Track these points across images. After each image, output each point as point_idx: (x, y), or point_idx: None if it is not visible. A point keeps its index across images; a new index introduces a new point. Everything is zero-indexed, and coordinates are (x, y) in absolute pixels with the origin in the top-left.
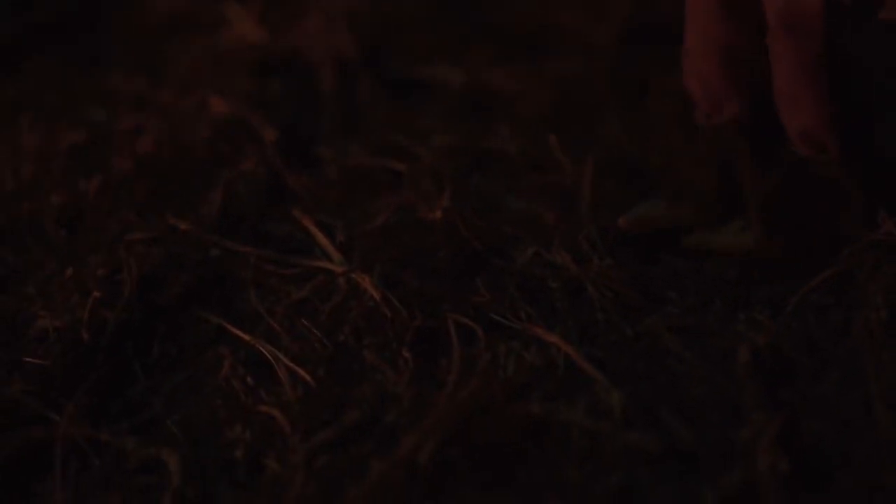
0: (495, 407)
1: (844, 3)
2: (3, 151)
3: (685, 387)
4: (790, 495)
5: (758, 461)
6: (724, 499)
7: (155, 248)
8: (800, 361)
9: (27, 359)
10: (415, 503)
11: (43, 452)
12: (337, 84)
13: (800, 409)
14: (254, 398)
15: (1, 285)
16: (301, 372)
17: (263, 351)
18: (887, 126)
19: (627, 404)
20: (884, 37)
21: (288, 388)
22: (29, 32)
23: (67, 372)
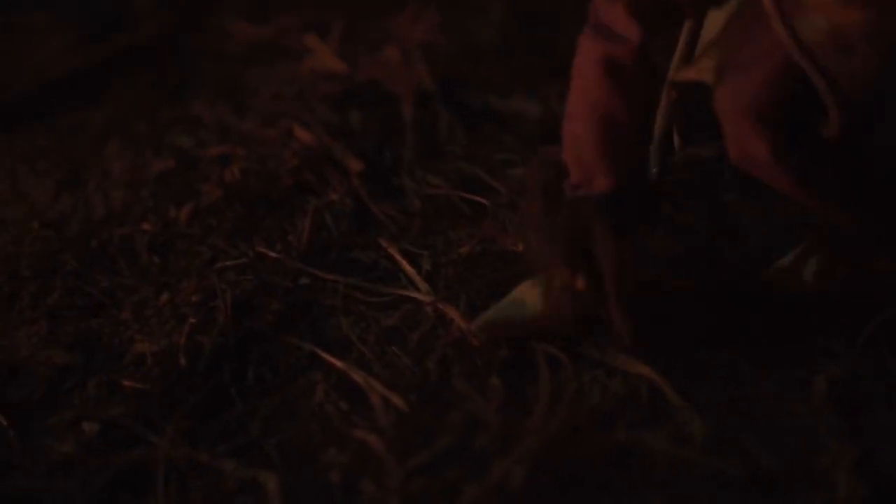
0: (582, 434)
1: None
2: (92, 178)
3: (764, 415)
4: None
5: (837, 488)
6: None
7: (246, 275)
8: (876, 390)
9: (126, 382)
10: None
11: (144, 473)
12: (416, 115)
13: (876, 438)
14: (348, 423)
15: (96, 310)
16: (393, 398)
17: (355, 377)
18: None
19: (709, 432)
20: None
21: (380, 414)
22: (113, 58)
23: (166, 395)
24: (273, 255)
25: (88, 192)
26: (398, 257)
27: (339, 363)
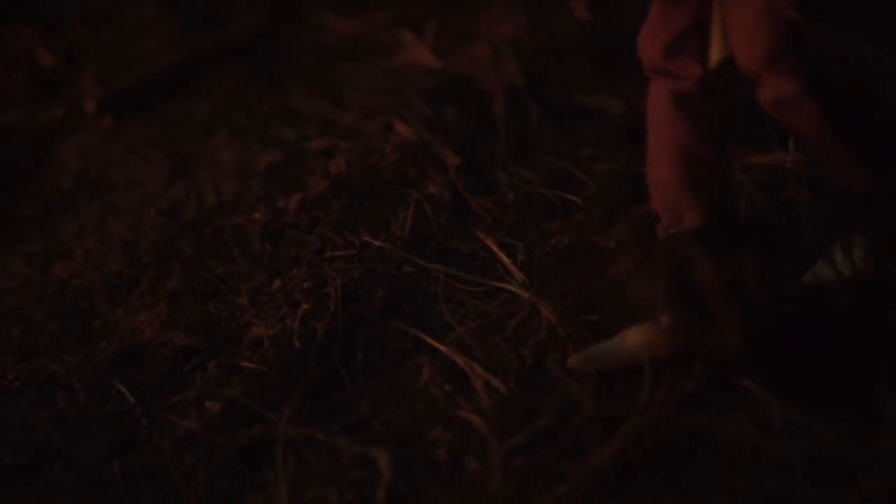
0: (669, 417)
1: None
2: (203, 167)
3: (836, 398)
4: None
5: None
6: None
7: (353, 263)
8: None
9: (244, 364)
10: (599, 503)
11: (263, 449)
12: (506, 110)
13: None
14: (452, 404)
15: (213, 295)
16: (494, 381)
17: (458, 361)
18: None
19: (785, 415)
20: None
21: (482, 396)
22: (214, 52)
23: (282, 377)
24: (378, 244)
25: (200, 181)
26: (495, 248)
27: (442, 347)
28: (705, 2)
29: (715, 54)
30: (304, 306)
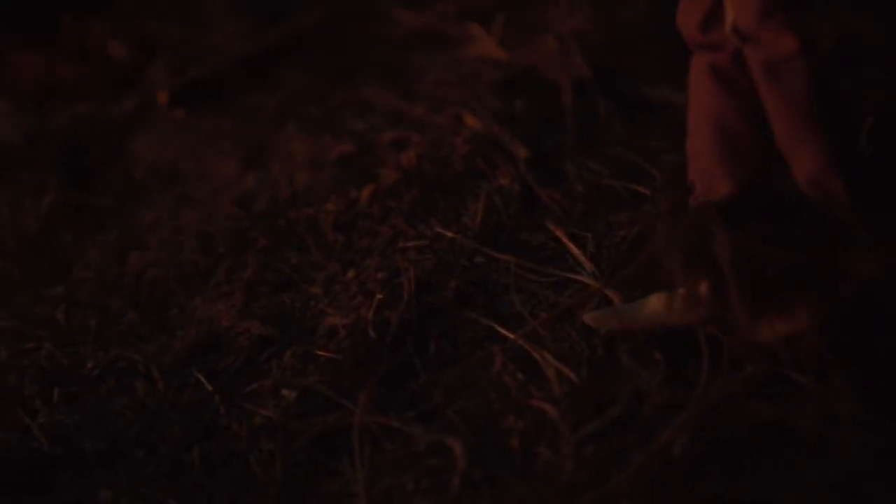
0: (737, 405)
1: (823, 49)
2: (275, 159)
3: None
4: None
5: None
6: None
7: (425, 254)
8: None
9: (320, 353)
10: (670, 490)
11: (339, 436)
12: (574, 102)
13: None
14: (524, 393)
15: (288, 285)
16: (565, 370)
17: (530, 351)
18: None
19: (852, 406)
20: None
21: (554, 385)
22: (283, 44)
23: (357, 365)
24: (449, 235)
25: (272, 172)
26: (565, 239)
27: (514, 337)
28: None
29: (729, 17)
30: (378, 296)
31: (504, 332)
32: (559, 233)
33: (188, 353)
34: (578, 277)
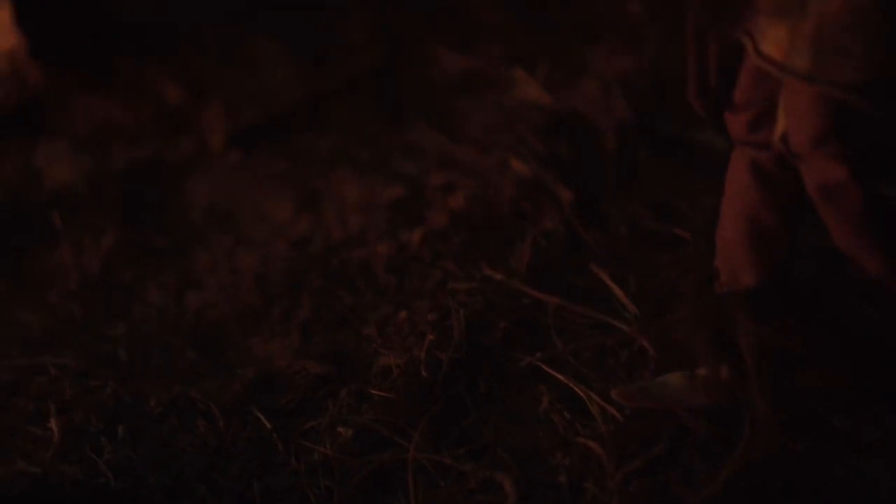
0: (773, 450)
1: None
2: (328, 201)
3: None
4: None
5: None
6: None
7: (475, 296)
8: None
9: (374, 391)
10: None
11: (394, 473)
12: (617, 145)
13: None
14: (571, 430)
15: (342, 325)
16: (610, 409)
17: (576, 390)
18: None
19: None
20: None
21: (600, 423)
22: (334, 87)
23: (410, 404)
24: (497, 277)
25: (325, 214)
26: (608, 281)
27: (560, 377)
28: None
29: (780, 127)
30: (430, 337)
31: (551, 371)
32: (603, 275)
33: (247, 392)
34: (617, 323)
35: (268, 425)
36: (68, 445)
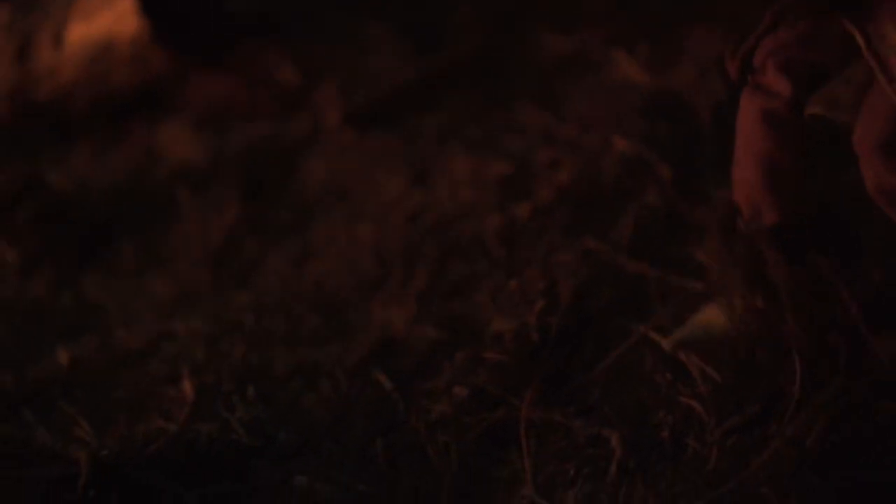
0: (864, 405)
1: None
2: (441, 178)
3: None
4: None
5: None
6: None
7: (581, 266)
8: None
9: (488, 355)
10: (805, 476)
11: (507, 430)
12: (714, 124)
13: None
14: (673, 390)
15: (456, 293)
16: (710, 370)
17: (678, 354)
18: None
19: None
20: None
21: (700, 383)
22: (442, 67)
23: (522, 366)
24: (602, 249)
25: (437, 189)
26: (706, 255)
27: (663, 341)
28: (842, 56)
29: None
30: (540, 304)
31: (654, 336)
32: (699, 248)
33: (368, 355)
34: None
35: (388, 386)
36: (202, 405)
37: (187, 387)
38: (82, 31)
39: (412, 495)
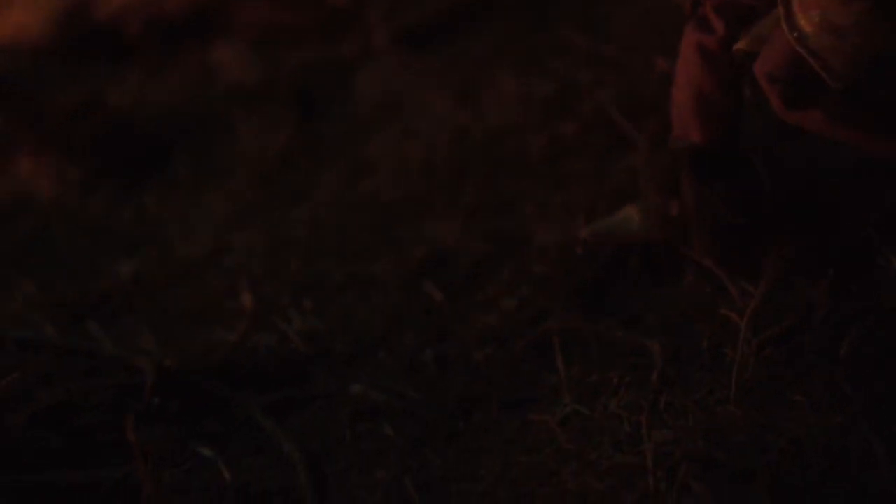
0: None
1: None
2: (487, 97)
3: None
4: None
5: None
6: None
7: (625, 186)
8: None
9: (534, 268)
10: (838, 386)
11: (552, 340)
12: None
13: None
14: (712, 303)
15: (503, 208)
16: (747, 286)
17: (718, 272)
18: None
19: None
20: None
21: (737, 298)
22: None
23: (566, 278)
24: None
25: (484, 107)
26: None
27: (704, 261)
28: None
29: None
30: (584, 218)
31: (693, 256)
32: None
33: (418, 268)
34: None
35: (438, 298)
36: (260, 316)
37: (246, 298)
38: None
39: (460, 403)
